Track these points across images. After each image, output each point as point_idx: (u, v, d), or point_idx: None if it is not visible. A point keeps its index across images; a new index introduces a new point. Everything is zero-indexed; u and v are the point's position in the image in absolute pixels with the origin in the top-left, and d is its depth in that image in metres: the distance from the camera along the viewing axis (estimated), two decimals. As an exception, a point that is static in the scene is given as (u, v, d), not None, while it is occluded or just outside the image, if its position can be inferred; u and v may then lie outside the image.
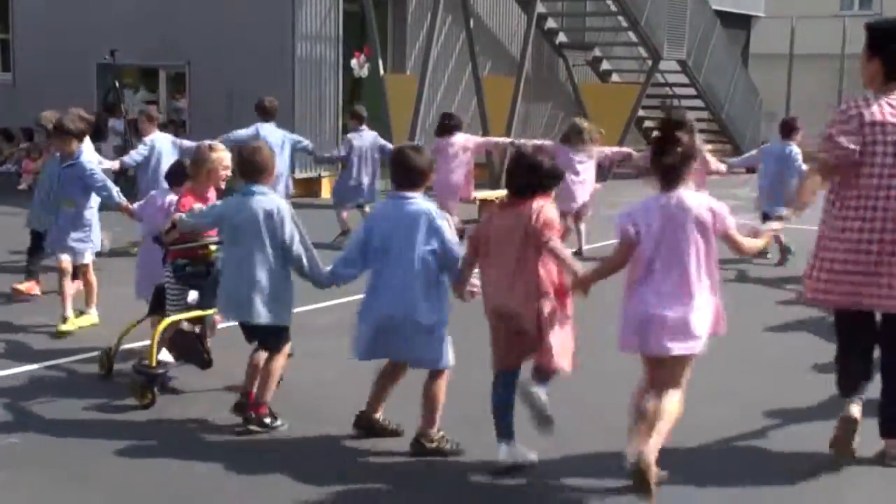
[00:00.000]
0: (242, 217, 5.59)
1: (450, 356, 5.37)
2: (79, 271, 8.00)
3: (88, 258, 8.01)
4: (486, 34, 19.01)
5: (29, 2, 18.62)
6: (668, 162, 4.74)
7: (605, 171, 16.93)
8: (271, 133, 11.24)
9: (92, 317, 7.95)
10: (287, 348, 5.83)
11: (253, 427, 5.64)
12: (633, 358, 5.00)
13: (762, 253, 10.14)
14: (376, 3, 16.37)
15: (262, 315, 5.59)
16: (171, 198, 6.82)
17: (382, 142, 12.09)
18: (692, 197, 4.77)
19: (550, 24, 20.03)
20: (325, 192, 15.85)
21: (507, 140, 13.39)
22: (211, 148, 6.33)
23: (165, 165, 10.78)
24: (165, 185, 7.19)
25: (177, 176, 6.89)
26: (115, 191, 7.91)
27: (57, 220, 7.93)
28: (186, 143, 11.04)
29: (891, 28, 5.30)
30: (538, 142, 11.57)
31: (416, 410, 5.41)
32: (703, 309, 4.77)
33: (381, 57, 16.23)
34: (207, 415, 5.91)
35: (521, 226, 4.97)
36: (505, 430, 5.18)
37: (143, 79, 18.73)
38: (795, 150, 11.05)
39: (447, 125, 11.93)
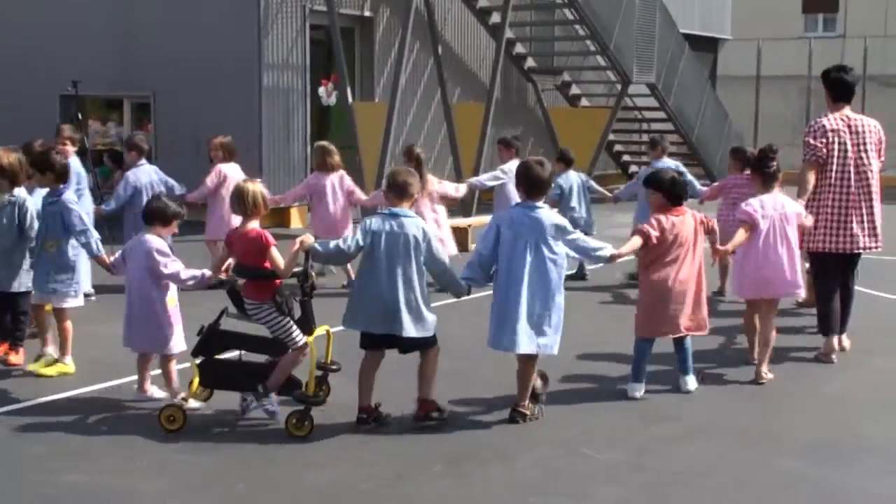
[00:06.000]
0: (395, 237, 6.04)
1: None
2: (58, 315, 7.45)
3: (70, 304, 7.42)
4: (454, 60, 18.89)
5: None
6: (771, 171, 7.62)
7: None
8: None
9: (68, 366, 7.40)
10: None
11: (426, 423, 6.18)
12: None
13: None
14: (343, 31, 16.20)
15: (411, 329, 6.03)
16: (149, 238, 6.61)
17: (166, 177, 10.61)
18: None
19: (519, 49, 19.93)
20: (295, 222, 15.63)
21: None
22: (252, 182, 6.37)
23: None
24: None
25: (153, 215, 6.68)
26: (95, 239, 7.33)
27: (39, 260, 7.36)
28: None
29: (829, 69, 8.16)
30: (277, 197, 10.89)
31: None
32: None
33: (349, 85, 16.05)
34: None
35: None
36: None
37: (105, 110, 18.43)
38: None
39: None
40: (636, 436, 6.23)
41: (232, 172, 10.83)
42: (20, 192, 7.49)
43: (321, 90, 16.75)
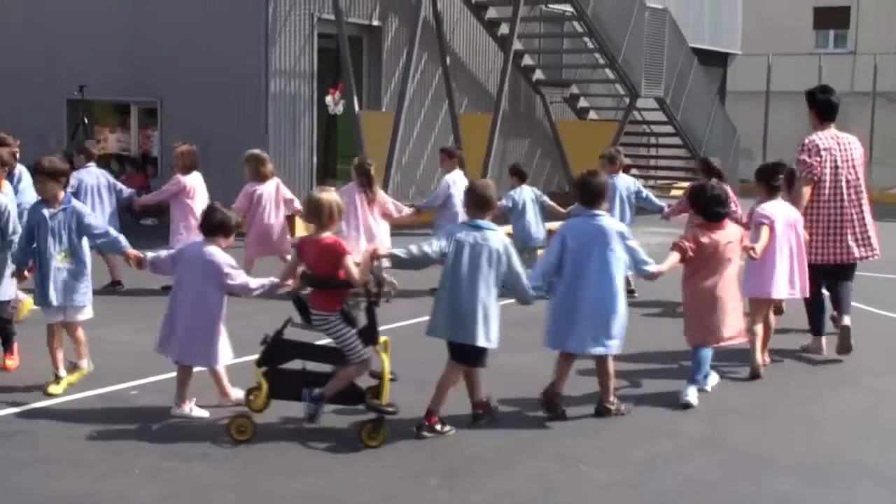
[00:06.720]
0: (479, 249, 6.18)
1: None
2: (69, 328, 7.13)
3: (88, 315, 7.14)
4: (462, 71, 18.86)
5: (-2, 37, 18.36)
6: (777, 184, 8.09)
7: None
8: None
9: (86, 368, 7.19)
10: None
11: (426, 434, 6.18)
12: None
13: None
14: (351, 40, 16.18)
15: (482, 339, 6.19)
16: (214, 251, 6.46)
17: (115, 181, 10.87)
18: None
19: (527, 60, 19.90)
20: (300, 230, 15.56)
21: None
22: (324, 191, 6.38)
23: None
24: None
25: (219, 227, 6.53)
26: (121, 236, 7.11)
27: (51, 274, 6.87)
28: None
29: (815, 90, 8.82)
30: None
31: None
32: None
33: (356, 94, 16.02)
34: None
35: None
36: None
37: (112, 115, 18.46)
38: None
39: None
40: (634, 452, 6.15)
41: (193, 182, 10.76)
42: (1, 198, 7.19)
43: (328, 99, 16.72)
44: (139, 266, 6.92)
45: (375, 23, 17.40)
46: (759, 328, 7.90)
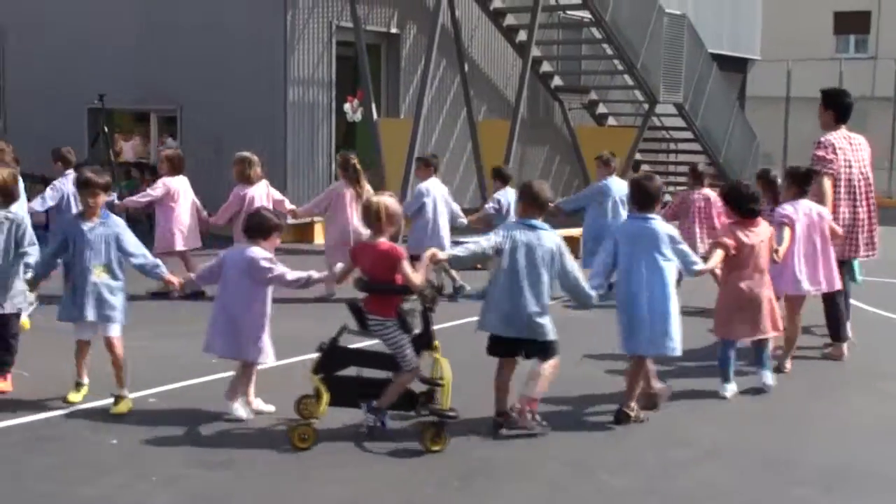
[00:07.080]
0: (533, 248, 6.31)
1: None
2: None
3: (120, 330, 6.89)
4: (480, 78, 18.88)
5: (20, 47, 18.50)
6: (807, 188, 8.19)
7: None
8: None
9: (127, 401, 6.82)
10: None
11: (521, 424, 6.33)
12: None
13: None
14: (369, 47, 16.24)
15: (548, 333, 6.34)
16: (254, 250, 6.55)
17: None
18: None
19: (546, 67, 19.90)
20: (318, 238, 15.62)
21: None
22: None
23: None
24: None
25: (256, 229, 6.62)
26: (158, 261, 6.99)
27: (87, 288, 6.71)
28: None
29: (837, 92, 9.09)
30: (213, 218, 10.72)
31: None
32: None
33: (374, 101, 16.07)
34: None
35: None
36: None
37: (132, 123, 18.60)
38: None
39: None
40: (649, 459, 6.15)
41: (178, 185, 10.82)
42: (17, 208, 7.13)
43: (346, 106, 16.77)
44: (182, 288, 6.99)
45: (394, 30, 17.45)
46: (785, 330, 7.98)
